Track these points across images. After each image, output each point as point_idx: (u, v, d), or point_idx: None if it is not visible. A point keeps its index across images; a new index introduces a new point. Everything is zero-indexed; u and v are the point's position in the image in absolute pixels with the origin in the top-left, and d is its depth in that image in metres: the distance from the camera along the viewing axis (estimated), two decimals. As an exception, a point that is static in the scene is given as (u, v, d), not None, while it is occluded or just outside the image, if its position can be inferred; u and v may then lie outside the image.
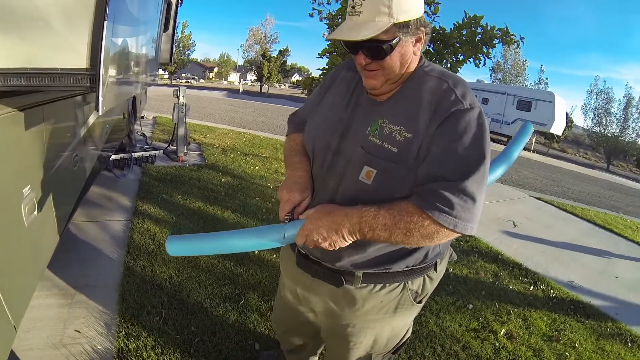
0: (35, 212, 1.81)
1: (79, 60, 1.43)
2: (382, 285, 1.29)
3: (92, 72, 1.40)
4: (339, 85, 1.37)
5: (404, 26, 1.10)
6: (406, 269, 1.28)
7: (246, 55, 50.97)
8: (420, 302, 1.37)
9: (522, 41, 3.59)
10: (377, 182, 1.15)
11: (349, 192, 1.20)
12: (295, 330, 1.77)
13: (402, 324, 1.45)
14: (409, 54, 1.16)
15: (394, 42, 1.10)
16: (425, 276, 1.34)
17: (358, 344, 1.42)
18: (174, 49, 6.85)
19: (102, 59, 1.39)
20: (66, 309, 2.54)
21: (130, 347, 2.25)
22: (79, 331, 2.36)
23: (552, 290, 3.82)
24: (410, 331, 1.53)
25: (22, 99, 1.64)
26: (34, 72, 1.37)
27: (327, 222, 1.12)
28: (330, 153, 1.26)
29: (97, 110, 1.42)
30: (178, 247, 1.25)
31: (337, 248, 1.14)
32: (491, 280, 3.80)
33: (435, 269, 1.36)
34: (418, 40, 1.16)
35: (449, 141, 1.08)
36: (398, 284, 1.29)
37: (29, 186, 1.74)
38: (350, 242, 1.13)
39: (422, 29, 1.15)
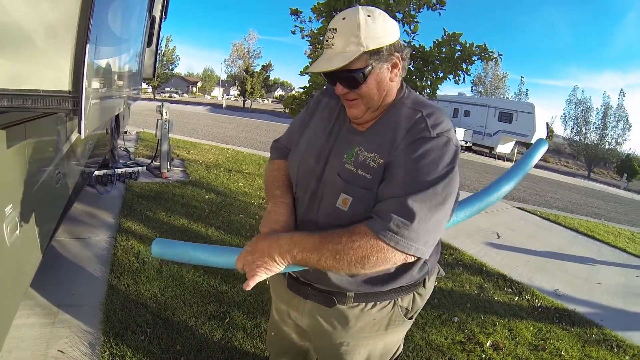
0: (18, 231, 1.79)
1: (62, 82, 1.42)
2: (373, 303, 1.29)
3: (75, 94, 1.40)
4: (322, 111, 1.39)
5: (375, 53, 1.12)
6: (396, 287, 1.28)
7: (229, 70, 51.05)
8: (411, 317, 1.39)
9: (500, 57, 3.67)
10: (353, 209, 1.17)
11: (328, 218, 1.22)
12: (288, 351, 1.75)
13: (394, 341, 1.45)
14: (386, 80, 1.17)
15: (366, 70, 1.12)
16: (415, 293, 1.35)
17: None
18: (158, 63, 6.83)
19: (84, 81, 1.39)
20: (49, 329, 2.49)
21: (114, 367, 2.22)
22: (62, 351, 2.32)
23: (537, 300, 3.87)
24: (401, 347, 1.54)
25: (3, 117, 1.63)
26: (17, 93, 1.37)
27: (261, 247, 1.16)
28: (314, 179, 1.28)
29: (80, 133, 1.42)
30: (162, 249, 1.33)
31: (271, 271, 1.16)
32: (476, 292, 3.83)
33: (424, 286, 1.37)
34: (394, 66, 1.18)
35: (405, 163, 1.10)
36: (389, 301, 1.30)
37: (11, 205, 1.73)
38: (284, 265, 1.14)
39: (397, 54, 1.17)
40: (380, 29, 1.11)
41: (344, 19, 1.11)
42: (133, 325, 2.58)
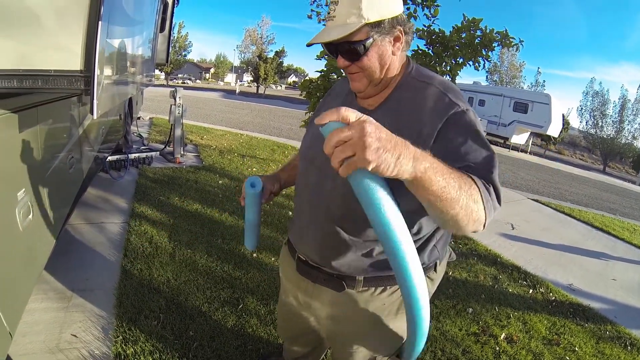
0: (31, 216, 1.78)
1: (74, 61, 1.39)
2: (383, 288, 1.28)
3: (87, 74, 1.37)
4: (334, 98, 1.39)
5: (376, 25, 1.09)
6: None
7: (242, 56, 50.92)
8: None
9: (521, 44, 3.58)
10: None
11: (336, 203, 1.20)
12: (299, 337, 1.77)
13: (404, 326, 1.41)
14: (387, 54, 1.14)
15: (367, 42, 1.09)
16: (426, 277, 1.30)
17: (362, 347, 1.42)
18: (171, 49, 6.82)
19: (96, 60, 1.36)
20: (63, 313, 2.51)
21: (127, 352, 2.23)
22: (75, 335, 2.33)
23: (551, 293, 3.80)
24: None
25: (16, 101, 1.61)
26: (27, 74, 1.34)
27: (388, 137, 0.79)
28: (318, 166, 1.26)
29: (92, 114, 1.39)
30: None
31: (368, 172, 0.80)
32: (490, 284, 3.78)
33: (435, 270, 1.36)
34: (397, 40, 1.14)
35: (460, 141, 1.05)
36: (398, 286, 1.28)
37: (24, 189, 1.71)
38: (394, 174, 0.79)
39: (399, 27, 1.13)
40: (383, 1, 1.08)
41: None
42: (146, 310, 2.58)
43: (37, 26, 1.37)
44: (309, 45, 1.17)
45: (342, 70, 1.31)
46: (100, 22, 1.34)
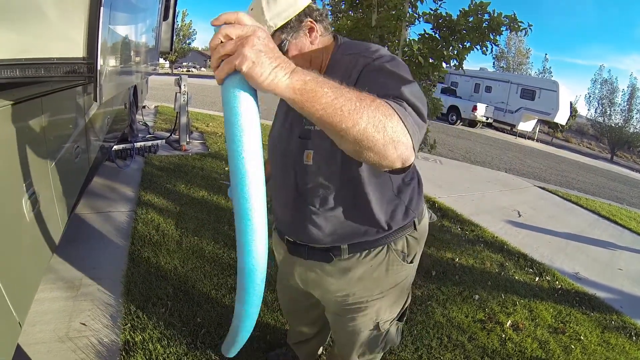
0: (37, 206, 1.78)
1: (76, 49, 1.39)
2: (367, 251, 1.37)
3: (90, 60, 1.36)
4: None
5: (285, 27, 1.18)
6: (385, 232, 1.35)
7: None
8: (411, 261, 1.45)
9: (530, 28, 3.52)
10: (316, 161, 1.24)
11: (302, 180, 1.30)
12: (303, 316, 1.88)
13: (399, 288, 1.50)
14: (307, 46, 1.23)
15: (283, 45, 1.19)
16: (407, 236, 1.41)
17: (363, 314, 1.49)
18: (175, 37, 6.79)
19: (99, 46, 1.35)
20: (71, 302, 2.53)
21: (136, 339, 2.24)
22: (84, 324, 2.35)
23: (557, 282, 3.79)
24: (410, 298, 1.62)
25: (20, 92, 1.61)
26: (29, 62, 1.33)
27: (274, 47, 0.77)
28: (281, 153, 1.37)
29: (96, 101, 1.38)
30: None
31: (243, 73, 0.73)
32: (497, 271, 3.78)
33: (415, 228, 1.43)
34: (311, 30, 1.23)
35: (371, 83, 1.03)
36: (382, 246, 1.37)
37: (30, 180, 1.71)
38: (267, 82, 0.74)
39: (307, 19, 1.21)
40: (283, 4, 1.17)
41: (252, 9, 1.18)
42: (154, 298, 2.60)
43: (38, 15, 1.36)
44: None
45: None
46: (101, 9, 1.33)
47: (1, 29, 1.32)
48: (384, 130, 0.80)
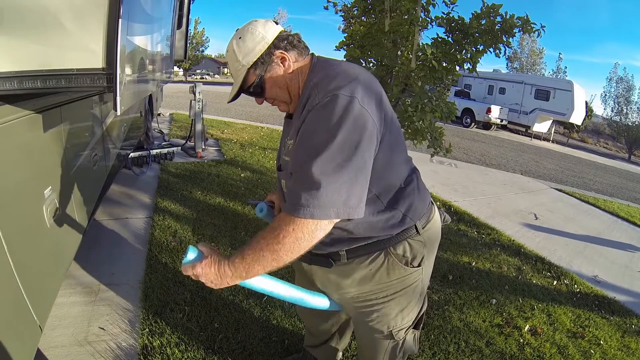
0: (57, 213, 1.82)
1: (95, 60, 1.42)
2: (365, 256, 1.38)
3: (109, 71, 1.39)
4: (285, 123, 1.51)
5: (257, 64, 1.26)
6: (381, 237, 1.35)
7: (260, 50, 50.91)
8: (419, 265, 1.43)
9: (543, 30, 3.50)
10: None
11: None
12: (317, 316, 1.91)
13: (407, 293, 1.49)
14: (282, 77, 1.29)
15: (257, 81, 1.29)
16: (408, 240, 1.39)
17: (373, 317, 1.50)
18: (188, 45, 6.87)
19: (118, 57, 1.37)
20: (90, 307, 2.56)
21: (154, 344, 2.27)
22: (103, 328, 2.38)
23: (575, 285, 3.74)
24: (426, 304, 1.61)
25: (40, 101, 1.65)
26: (50, 74, 1.36)
27: (213, 276, 1.22)
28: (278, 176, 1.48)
29: (116, 110, 1.41)
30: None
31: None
32: (514, 275, 3.74)
33: (418, 232, 1.39)
34: (283, 61, 1.28)
35: (299, 139, 1.17)
36: (379, 251, 1.37)
37: (50, 187, 1.75)
38: (225, 285, 1.23)
39: (277, 51, 1.27)
40: (250, 44, 1.26)
41: (227, 51, 1.30)
42: (172, 303, 2.62)
43: (57, 28, 1.40)
44: (229, 102, 1.43)
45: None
46: (120, 20, 1.36)
47: (22, 41, 1.36)
48: (281, 250, 1.12)
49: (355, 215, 1.13)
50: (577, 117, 21.58)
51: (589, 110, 29.95)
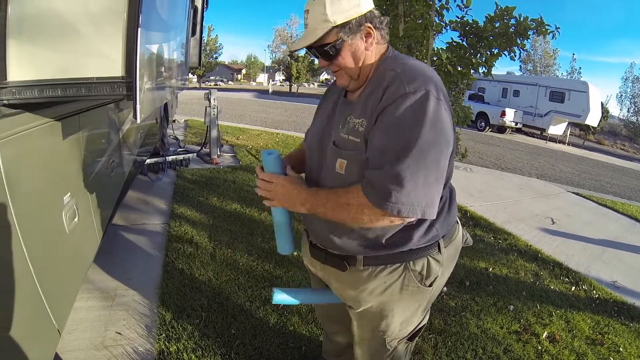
0: (76, 219, 1.85)
1: (114, 68, 1.44)
2: (383, 266, 1.35)
3: (129, 79, 1.41)
4: (332, 94, 1.51)
5: (344, 27, 1.20)
6: (404, 249, 1.32)
7: (274, 55, 51.41)
8: (430, 285, 1.40)
9: (557, 31, 3.46)
10: (349, 171, 1.26)
11: (333, 183, 1.32)
12: (336, 320, 1.88)
13: (412, 308, 1.47)
14: (361, 50, 1.25)
15: (337, 43, 1.22)
16: (429, 257, 1.36)
17: (368, 327, 1.51)
18: (202, 52, 6.93)
19: (137, 66, 1.39)
20: (107, 311, 2.59)
21: (171, 349, 2.28)
22: (120, 333, 2.41)
23: (594, 291, 3.67)
24: (426, 318, 1.58)
25: (59, 109, 1.68)
26: (70, 82, 1.39)
27: (287, 197, 1.33)
28: (317, 152, 1.42)
29: (135, 118, 1.43)
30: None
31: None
32: (532, 280, 3.69)
33: (440, 251, 1.38)
34: (368, 36, 1.24)
35: (387, 127, 1.15)
36: (399, 264, 1.34)
37: (69, 193, 1.78)
38: (293, 210, 1.36)
39: (367, 24, 1.23)
40: (346, 4, 1.19)
41: (315, 1, 1.21)
42: (188, 309, 2.64)
43: (77, 37, 1.42)
44: (291, 52, 1.29)
45: None
46: (139, 29, 1.38)
47: (43, 50, 1.38)
48: (348, 218, 1.22)
49: (432, 216, 1.17)
50: (592, 119, 21.27)
51: (604, 111, 29.53)
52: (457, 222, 1.49)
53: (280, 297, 1.57)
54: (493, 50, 3.36)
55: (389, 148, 1.12)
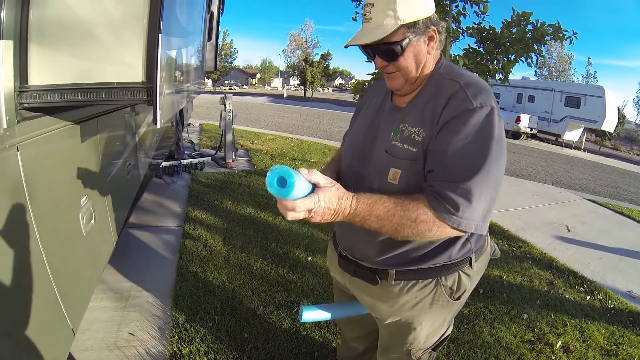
0: (92, 221, 1.87)
1: (135, 73, 1.46)
2: (414, 281, 1.33)
3: (149, 85, 1.43)
4: (372, 97, 1.47)
5: (412, 26, 1.15)
6: (438, 265, 1.30)
7: (288, 60, 51.68)
8: (458, 298, 1.38)
9: (575, 37, 3.43)
10: (404, 181, 1.22)
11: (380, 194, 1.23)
12: (356, 326, 1.86)
13: (439, 321, 1.46)
14: (423, 53, 1.21)
15: (404, 43, 1.16)
16: (460, 272, 1.35)
17: (396, 338, 1.50)
18: (218, 56, 6.98)
19: (158, 71, 1.41)
20: (120, 312, 2.62)
21: (183, 351, 2.30)
22: (132, 334, 2.43)
23: (610, 301, 3.61)
24: (450, 328, 1.56)
25: (77, 112, 1.71)
26: (90, 87, 1.41)
27: (328, 212, 1.07)
28: (360, 159, 1.36)
29: (155, 123, 1.44)
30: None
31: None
32: (546, 289, 3.64)
33: (471, 265, 1.36)
34: (431, 39, 1.20)
35: (454, 141, 1.11)
36: (431, 279, 1.32)
37: (86, 196, 1.81)
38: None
39: (433, 27, 1.19)
40: (417, 2, 1.14)
41: None
42: (201, 312, 2.65)
43: (98, 42, 1.44)
44: (347, 46, 1.23)
45: None
46: (160, 35, 1.40)
47: (64, 55, 1.41)
48: (412, 232, 1.11)
49: (483, 232, 1.15)
50: (609, 124, 20.93)
51: (621, 117, 29.09)
52: (487, 235, 1.47)
53: (309, 316, 1.55)
54: (510, 56, 3.35)
55: (459, 163, 1.10)
